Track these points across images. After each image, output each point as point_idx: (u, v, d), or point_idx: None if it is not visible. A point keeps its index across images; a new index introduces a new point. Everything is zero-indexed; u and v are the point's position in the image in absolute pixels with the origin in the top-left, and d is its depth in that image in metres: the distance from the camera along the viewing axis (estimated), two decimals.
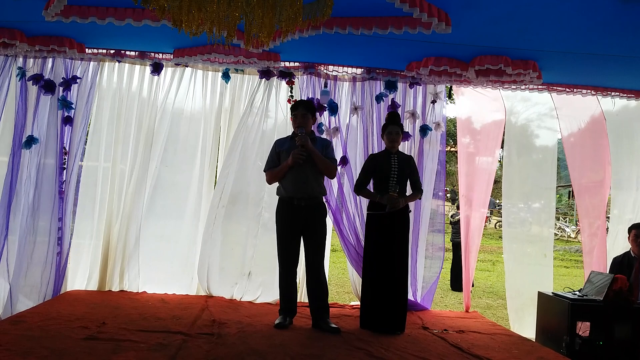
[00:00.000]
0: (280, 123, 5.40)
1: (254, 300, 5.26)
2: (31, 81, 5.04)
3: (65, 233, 5.06)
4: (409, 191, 4.66)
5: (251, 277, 5.28)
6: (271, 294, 5.20)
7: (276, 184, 4.44)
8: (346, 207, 5.22)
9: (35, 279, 4.92)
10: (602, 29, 3.87)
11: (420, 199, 4.88)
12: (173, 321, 4.22)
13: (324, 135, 5.24)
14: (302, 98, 5.25)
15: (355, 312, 4.89)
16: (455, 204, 9.72)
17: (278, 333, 4.11)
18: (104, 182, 5.34)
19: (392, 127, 4.55)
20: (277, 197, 4.43)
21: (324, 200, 4.56)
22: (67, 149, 5.12)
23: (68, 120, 5.13)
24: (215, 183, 5.46)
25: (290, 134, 4.47)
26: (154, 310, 4.57)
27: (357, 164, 5.29)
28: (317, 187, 4.35)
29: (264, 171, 4.48)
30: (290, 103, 5.27)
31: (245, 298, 5.26)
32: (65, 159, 5.11)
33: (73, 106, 5.13)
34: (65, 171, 5.10)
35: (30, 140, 4.98)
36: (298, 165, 4.20)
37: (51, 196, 5.02)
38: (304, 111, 4.34)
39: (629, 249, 5.02)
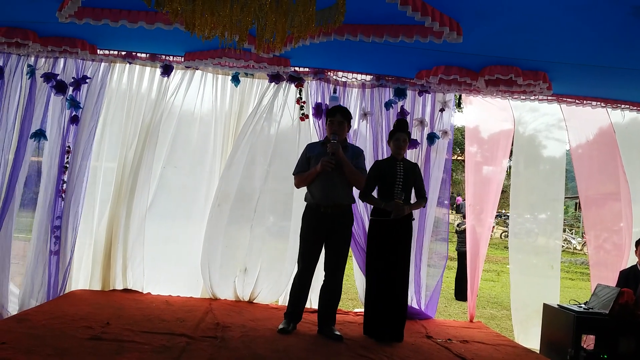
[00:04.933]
0: (286, 126, 5.41)
1: (251, 297, 5.32)
2: (43, 78, 5.05)
3: (67, 232, 5.05)
4: (413, 199, 4.66)
5: (247, 274, 5.31)
6: (267, 290, 5.32)
7: (275, 187, 4.46)
8: (357, 210, 5.21)
9: (34, 278, 4.93)
10: (613, 42, 3.86)
11: (424, 207, 4.88)
12: (177, 323, 4.22)
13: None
14: (311, 103, 5.28)
15: (359, 319, 4.88)
16: (461, 213, 9.70)
17: (281, 338, 4.11)
18: (109, 182, 5.36)
19: (400, 134, 4.55)
20: (305, 203, 4.42)
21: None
22: (70, 147, 5.13)
23: (75, 120, 5.14)
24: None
25: (323, 139, 4.46)
26: (158, 312, 4.57)
27: (366, 169, 5.28)
28: (344, 195, 4.31)
29: (293, 174, 4.48)
30: (299, 104, 5.30)
31: (245, 293, 5.31)
32: (67, 157, 5.12)
33: (81, 106, 5.15)
34: (67, 170, 5.10)
35: (40, 134, 5.00)
36: (326, 172, 4.18)
37: (51, 194, 5.03)
38: (341, 119, 4.30)
39: (635, 263, 4.99)
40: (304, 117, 5.31)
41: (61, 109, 5.13)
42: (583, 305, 4.71)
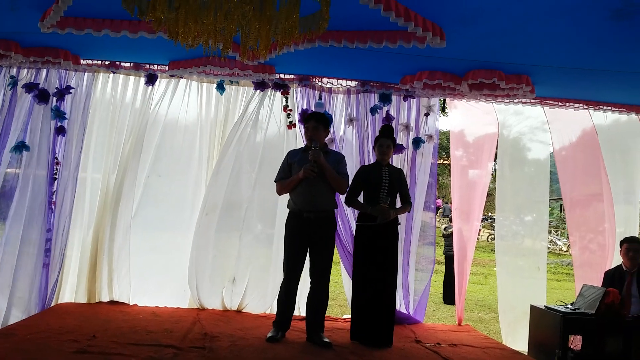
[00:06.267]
0: (273, 133, 5.41)
1: (240, 307, 5.27)
2: (24, 89, 5.00)
3: (56, 244, 4.99)
4: (398, 204, 4.67)
5: (236, 284, 5.27)
6: (257, 301, 5.28)
7: (263, 195, 4.45)
8: (344, 216, 5.21)
9: (24, 291, 4.83)
10: (594, 45, 3.92)
11: (409, 211, 4.90)
12: (164, 334, 4.18)
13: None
14: (296, 110, 5.28)
15: (348, 326, 4.86)
16: (447, 216, 9.76)
17: (270, 347, 4.08)
18: (94, 193, 5.31)
19: (384, 140, 4.57)
20: (288, 210, 4.41)
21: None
22: (58, 159, 5.08)
23: (61, 130, 5.08)
24: None
25: (304, 145, 4.47)
26: (145, 323, 4.53)
27: (352, 174, 5.28)
28: (327, 201, 4.32)
29: (275, 181, 4.48)
30: (285, 112, 5.29)
31: (233, 303, 5.27)
32: (56, 169, 5.06)
33: (66, 116, 5.10)
34: (56, 181, 5.04)
35: (21, 147, 4.93)
36: (309, 178, 4.18)
37: (41, 207, 4.96)
38: (314, 124, 4.31)
39: (620, 263, 5.04)
40: (291, 125, 5.31)
41: (47, 120, 5.06)
42: (569, 306, 4.74)
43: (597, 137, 5.69)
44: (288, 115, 5.31)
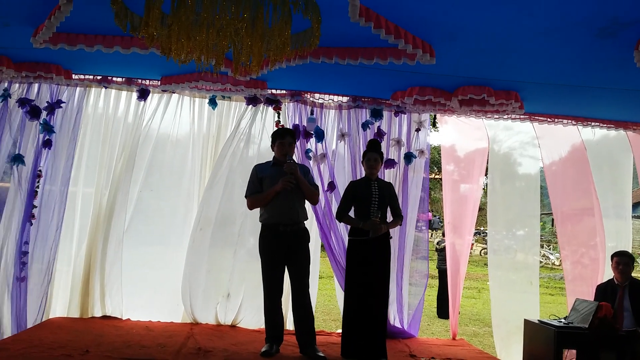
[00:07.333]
0: (266, 148, 5.41)
1: (234, 322, 5.25)
2: (17, 103, 5.00)
3: (38, 259, 4.92)
4: (389, 218, 4.68)
5: (230, 299, 5.26)
6: (251, 316, 5.26)
7: (257, 210, 4.45)
8: (337, 230, 5.22)
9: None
10: (580, 62, 3.98)
11: (400, 225, 4.90)
12: (158, 349, 4.16)
13: (311, 162, 5.28)
14: (288, 125, 5.31)
15: (340, 340, 4.85)
16: (433, 229, 9.77)
17: None
18: (86, 208, 5.30)
19: (372, 154, 4.59)
20: (260, 224, 4.41)
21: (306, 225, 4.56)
22: (41, 172, 5.04)
23: (47, 144, 5.06)
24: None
25: (272, 159, 4.49)
26: (138, 338, 4.50)
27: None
28: (302, 213, 4.39)
29: (245, 197, 4.48)
30: (277, 127, 5.32)
31: (227, 318, 5.25)
32: (38, 182, 5.02)
33: (55, 130, 5.09)
34: (38, 195, 5.00)
35: (17, 159, 4.94)
36: (284, 191, 4.21)
37: (19, 219, 4.92)
38: (291, 140, 4.43)
39: (612, 277, 5.06)
40: None
41: (34, 133, 5.06)
42: (563, 320, 4.75)
43: (586, 152, 5.74)
44: None
